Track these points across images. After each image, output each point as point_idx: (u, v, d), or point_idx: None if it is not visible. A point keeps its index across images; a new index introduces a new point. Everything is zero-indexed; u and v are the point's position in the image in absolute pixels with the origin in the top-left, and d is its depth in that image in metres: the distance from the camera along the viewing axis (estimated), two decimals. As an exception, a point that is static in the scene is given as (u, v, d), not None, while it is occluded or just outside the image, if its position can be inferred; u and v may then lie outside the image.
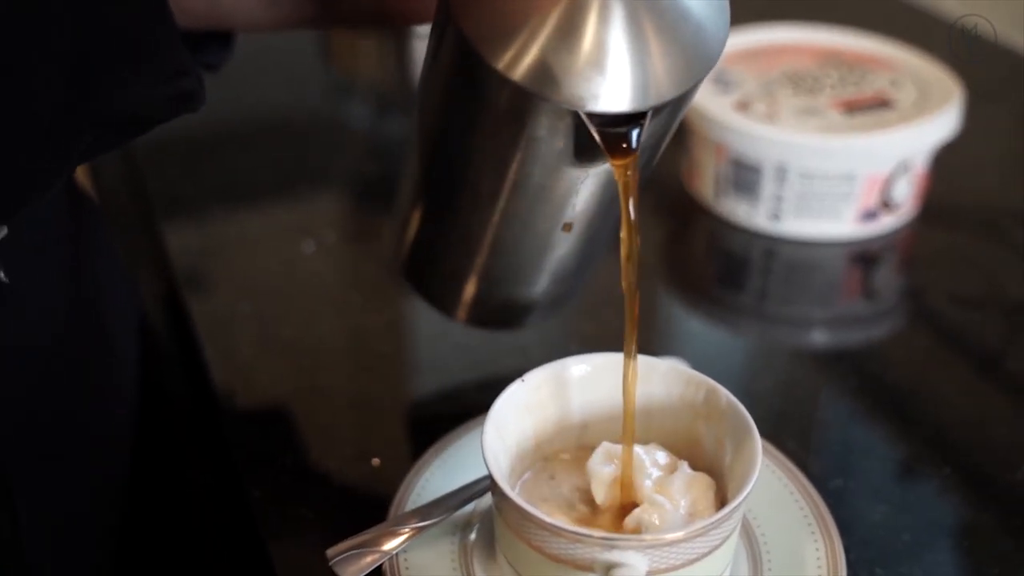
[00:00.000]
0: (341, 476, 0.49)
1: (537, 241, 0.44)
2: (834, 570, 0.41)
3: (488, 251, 0.44)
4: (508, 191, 0.40)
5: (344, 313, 0.62)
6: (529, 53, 0.34)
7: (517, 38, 0.34)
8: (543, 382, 0.42)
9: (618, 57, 0.34)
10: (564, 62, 0.34)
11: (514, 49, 0.34)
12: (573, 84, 0.34)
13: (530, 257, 0.45)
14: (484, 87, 0.36)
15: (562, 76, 0.34)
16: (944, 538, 0.47)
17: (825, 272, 0.66)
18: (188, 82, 0.35)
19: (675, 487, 0.39)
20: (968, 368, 0.57)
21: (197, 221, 0.70)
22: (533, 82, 0.34)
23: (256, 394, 0.54)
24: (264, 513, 0.47)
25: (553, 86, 0.34)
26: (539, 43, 0.34)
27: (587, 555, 0.36)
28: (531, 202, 0.41)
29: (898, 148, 0.63)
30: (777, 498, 0.45)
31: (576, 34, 0.34)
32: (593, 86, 0.34)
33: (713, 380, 0.42)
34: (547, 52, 0.34)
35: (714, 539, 0.37)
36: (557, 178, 0.39)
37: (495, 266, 0.46)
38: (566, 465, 0.43)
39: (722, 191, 0.67)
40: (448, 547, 0.43)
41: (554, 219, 0.42)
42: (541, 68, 0.34)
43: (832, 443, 0.53)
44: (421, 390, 0.57)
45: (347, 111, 0.90)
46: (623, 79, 0.35)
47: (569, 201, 0.41)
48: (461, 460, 0.46)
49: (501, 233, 0.43)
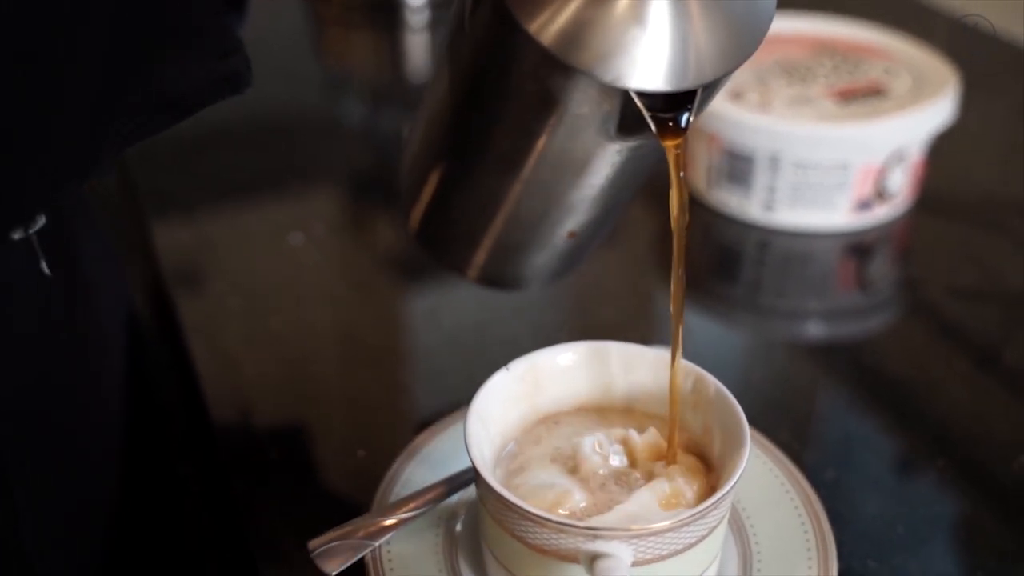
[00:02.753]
0: (326, 468, 0.49)
1: (558, 211, 0.42)
2: (825, 562, 0.41)
3: (507, 217, 0.43)
4: (534, 160, 0.38)
5: (332, 306, 0.61)
6: (568, 17, 0.31)
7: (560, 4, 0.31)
8: (528, 371, 0.42)
9: (667, 29, 0.32)
10: (608, 31, 0.31)
11: (552, 10, 0.31)
12: (618, 58, 0.31)
13: (549, 225, 0.44)
14: (518, 51, 0.33)
15: (606, 47, 0.31)
16: (939, 530, 0.46)
17: (819, 263, 0.66)
18: (236, 62, 0.34)
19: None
20: (965, 360, 0.57)
21: (187, 215, 0.69)
22: (572, 52, 0.31)
23: (243, 386, 0.54)
24: (248, 505, 0.47)
25: (594, 58, 0.31)
26: (580, 6, 0.31)
27: (571, 545, 0.35)
28: (557, 172, 0.39)
29: (893, 137, 0.63)
30: (768, 490, 0.44)
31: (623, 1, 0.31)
32: (640, 61, 0.32)
33: (702, 369, 0.41)
34: (590, 18, 0.31)
35: (701, 529, 0.36)
36: (588, 151, 0.37)
37: (512, 232, 0.44)
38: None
39: (715, 182, 0.67)
40: (432, 539, 0.42)
41: (579, 189, 0.41)
42: (583, 36, 0.31)
43: (826, 435, 0.53)
44: (409, 382, 0.57)
45: (339, 105, 0.90)
46: (672, 54, 0.32)
47: (597, 173, 0.39)
48: (447, 451, 0.45)
49: (522, 200, 0.41)
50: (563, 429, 0.41)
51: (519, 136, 0.38)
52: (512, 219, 0.43)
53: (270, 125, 0.81)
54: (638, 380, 0.43)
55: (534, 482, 0.38)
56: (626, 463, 0.40)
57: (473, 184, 0.43)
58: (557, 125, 0.36)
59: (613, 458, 0.40)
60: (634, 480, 0.39)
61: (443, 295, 0.63)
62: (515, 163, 0.39)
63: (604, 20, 0.31)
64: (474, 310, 0.60)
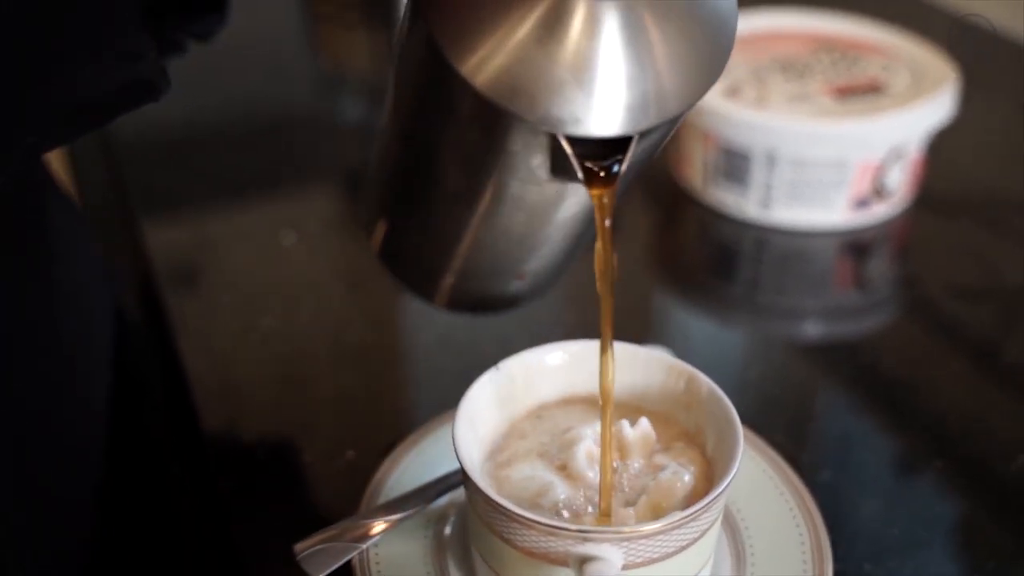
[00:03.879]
0: (315, 469, 0.48)
1: (515, 246, 0.41)
2: (820, 565, 0.40)
3: (465, 251, 0.42)
4: (483, 197, 0.37)
5: (324, 305, 0.61)
6: (499, 58, 0.29)
7: (487, 39, 0.29)
8: (518, 371, 0.41)
9: (605, 70, 0.30)
10: (539, 72, 0.29)
11: (483, 52, 0.29)
12: (548, 101, 0.30)
13: (509, 259, 0.43)
14: (452, 90, 0.31)
15: (535, 90, 0.29)
16: (936, 533, 0.46)
17: (817, 262, 0.65)
18: (143, 68, 0.32)
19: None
20: (963, 359, 0.56)
21: (178, 214, 0.69)
22: (501, 93, 0.30)
23: (232, 386, 0.53)
24: (235, 506, 0.46)
25: (524, 101, 0.30)
26: (512, 47, 0.29)
27: (560, 548, 0.35)
28: (508, 209, 0.37)
29: (891, 134, 0.62)
30: (762, 491, 0.44)
31: (558, 39, 0.29)
32: (571, 104, 0.30)
33: (696, 369, 0.41)
34: (521, 59, 0.29)
35: (693, 531, 0.35)
36: (534, 191, 0.36)
37: (472, 264, 0.43)
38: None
39: (711, 180, 0.66)
40: (421, 541, 0.41)
41: (533, 227, 0.39)
42: (512, 78, 0.29)
43: (822, 435, 0.52)
44: (400, 381, 0.56)
45: (333, 103, 0.89)
46: (609, 97, 0.30)
47: (550, 211, 0.38)
48: (436, 452, 0.45)
49: (478, 235, 0.40)
50: (546, 424, 0.41)
51: (462, 174, 0.37)
52: (470, 252, 0.42)
53: (264, 123, 0.81)
54: (630, 379, 0.42)
55: (517, 476, 0.38)
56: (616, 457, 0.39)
57: (426, 218, 0.41)
58: (494, 163, 0.35)
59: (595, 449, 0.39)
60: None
61: None
62: (465, 200, 0.38)
63: (545, 58, 0.29)
64: None
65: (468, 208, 0.38)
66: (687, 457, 0.39)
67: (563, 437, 0.40)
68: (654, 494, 0.37)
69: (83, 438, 0.51)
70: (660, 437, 0.40)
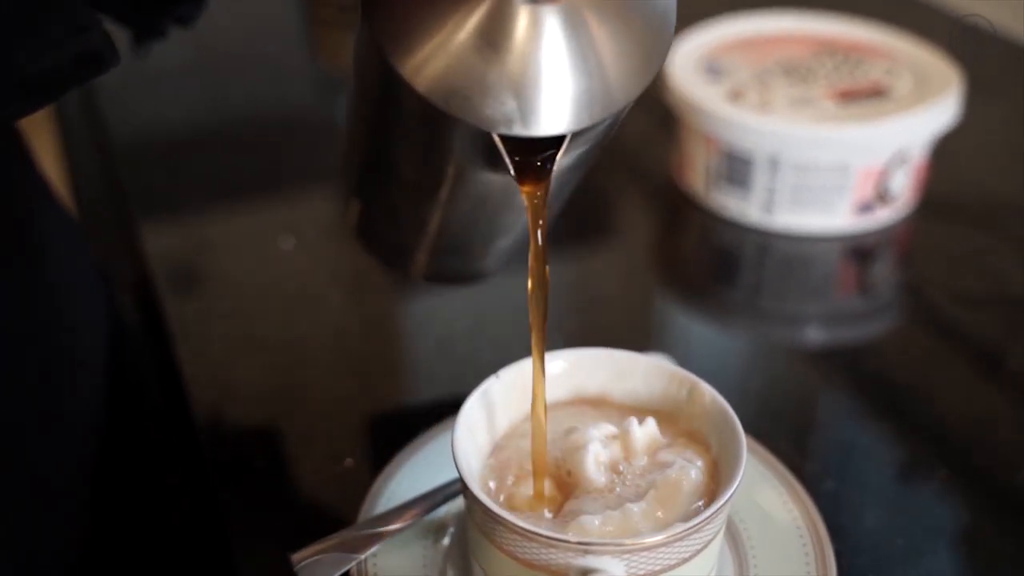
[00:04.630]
0: (314, 477, 0.48)
1: (478, 229, 0.42)
2: (823, 574, 0.40)
3: (431, 233, 0.43)
4: (441, 186, 0.38)
5: (322, 311, 0.60)
6: (438, 60, 0.30)
7: (427, 41, 0.31)
8: (518, 379, 0.40)
9: (545, 71, 0.31)
10: (474, 75, 0.31)
11: (422, 54, 0.31)
12: (481, 103, 0.31)
13: (474, 239, 0.44)
14: (398, 88, 0.32)
15: (471, 92, 0.31)
16: (941, 543, 0.45)
17: (820, 267, 0.65)
18: (92, 40, 0.32)
19: None
20: (968, 366, 0.56)
21: (177, 217, 0.68)
22: (439, 95, 0.31)
23: (230, 393, 0.53)
24: (232, 514, 0.46)
25: (459, 102, 0.31)
26: (450, 49, 0.31)
27: (561, 560, 0.34)
28: (465, 197, 0.39)
29: (894, 138, 0.62)
30: (766, 501, 0.43)
31: (494, 43, 0.31)
32: (504, 106, 0.31)
33: (698, 377, 0.40)
34: (458, 62, 0.31)
35: (695, 543, 0.35)
36: (485, 181, 0.37)
37: (439, 244, 0.44)
38: None
39: (713, 184, 0.66)
40: (420, 552, 0.41)
41: (492, 212, 0.40)
42: (448, 80, 0.31)
43: (826, 444, 0.52)
44: (400, 389, 0.56)
45: (332, 106, 0.89)
46: (546, 97, 0.31)
47: (508, 197, 0.39)
48: (436, 461, 0.44)
49: (441, 220, 0.41)
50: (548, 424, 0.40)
51: (419, 166, 0.38)
52: (438, 235, 0.43)
53: (262, 126, 0.81)
54: (631, 387, 0.42)
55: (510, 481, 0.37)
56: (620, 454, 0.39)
57: (393, 203, 0.43)
58: (445, 157, 0.36)
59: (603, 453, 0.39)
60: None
61: (434, 300, 0.62)
62: (425, 190, 0.39)
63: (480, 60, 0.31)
64: (465, 316, 0.59)
65: (427, 196, 0.39)
66: (692, 451, 0.39)
67: (568, 439, 0.39)
68: (662, 489, 0.37)
69: (77, 443, 0.51)
70: (664, 433, 0.40)
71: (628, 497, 0.37)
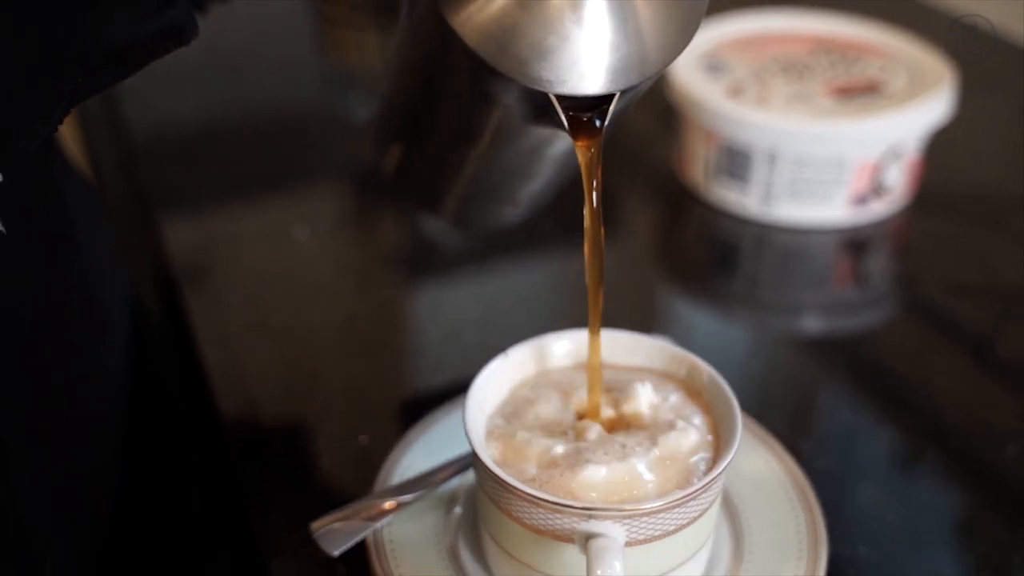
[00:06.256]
0: (330, 454, 0.49)
1: (511, 178, 0.44)
2: (815, 548, 0.42)
3: (466, 180, 0.44)
4: (482, 137, 0.40)
5: (335, 299, 0.62)
6: (489, 14, 0.31)
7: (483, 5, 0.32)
8: (526, 358, 0.43)
9: (589, 34, 0.32)
10: (529, 38, 0.32)
11: (478, 17, 0.32)
12: (537, 64, 0.32)
13: (506, 188, 0.46)
14: (454, 47, 0.33)
15: (527, 54, 0.32)
16: (929, 518, 0.47)
17: (816, 258, 0.66)
18: (176, 14, 0.34)
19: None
20: (958, 354, 0.57)
21: (193, 211, 0.70)
22: (493, 55, 0.32)
23: (248, 377, 0.55)
24: (252, 489, 0.47)
25: (515, 63, 0.32)
26: (504, 12, 0.32)
27: (566, 525, 0.36)
28: (505, 148, 0.40)
29: (888, 133, 0.64)
30: (761, 477, 0.45)
31: (542, 5, 0.32)
32: (557, 67, 0.32)
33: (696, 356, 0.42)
34: (510, 16, 0.31)
35: (692, 510, 0.37)
36: (527, 134, 0.39)
37: (472, 191, 0.46)
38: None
39: (713, 177, 0.68)
40: (432, 521, 0.43)
41: (527, 162, 0.42)
42: (504, 40, 0.32)
43: (821, 425, 0.53)
44: (410, 371, 0.58)
45: (342, 102, 0.91)
46: (593, 59, 0.32)
47: (542, 149, 0.41)
48: (447, 436, 0.46)
49: (478, 168, 0.43)
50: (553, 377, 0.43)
51: (461, 116, 0.39)
52: (472, 182, 0.44)
53: (275, 122, 0.82)
54: (635, 364, 0.43)
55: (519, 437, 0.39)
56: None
57: (431, 152, 0.44)
58: (491, 110, 0.37)
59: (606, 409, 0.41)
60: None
61: (443, 288, 0.64)
62: (464, 136, 0.40)
63: (532, 21, 0.32)
64: (474, 302, 0.61)
65: (469, 144, 0.41)
66: (691, 409, 0.40)
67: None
68: (663, 447, 0.38)
69: (107, 427, 0.52)
70: (662, 389, 0.42)
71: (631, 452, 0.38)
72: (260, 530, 0.45)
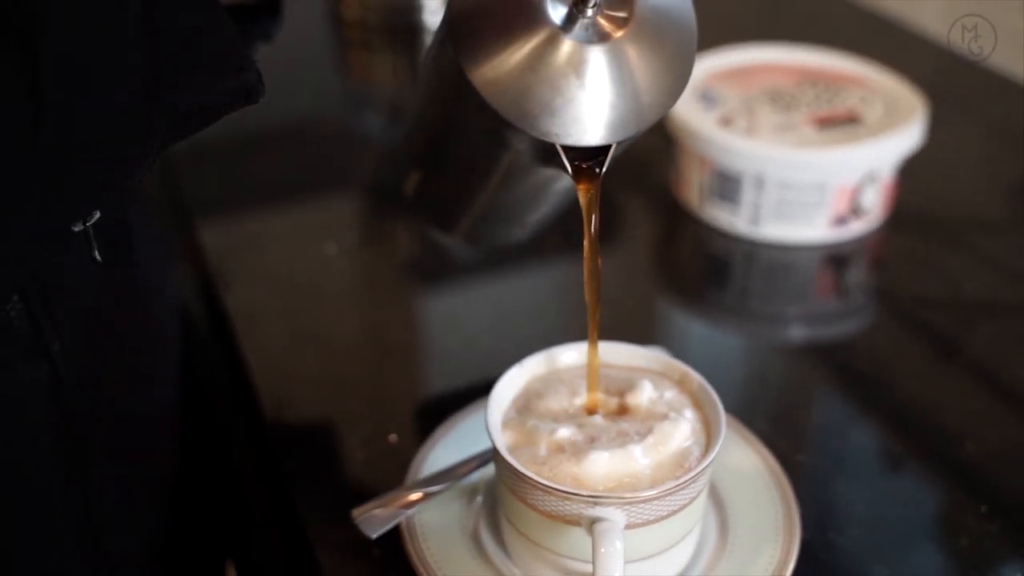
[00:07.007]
0: (363, 451, 0.53)
1: (519, 207, 0.49)
2: (790, 532, 0.47)
3: (479, 207, 0.49)
4: (495, 173, 0.44)
5: (363, 308, 0.66)
6: (504, 73, 0.36)
7: (496, 57, 0.36)
8: (538, 366, 0.48)
9: (589, 94, 0.36)
10: (536, 92, 0.36)
11: (492, 68, 0.36)
12: (547, 119, 0.36)
13: (514, 214, 0.51)
14: (474, 98, 0.37)
15: (533, 107, 0.36)
16: (894, 507, 0.51)
17: (800, 273, 0.70)
18: (248, 77, 0.39)
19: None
20: (927, 359, 0.61)
21: (228, 222, 0.74)
22: (509, 112, 0.36)
23: (290, 381, 0.58)
24: (296, 483, 0.52)
25: (529, 119, 0.36)
26: (517, 69, 0.36)
27: (574, 511, 0.41)
28: (515, 182, 0.45)
29: (865, 160, 0.67)
30: (744, 470, 0.50)
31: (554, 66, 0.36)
32: (563, 121, 0.36)
33: (689, 367, 0.47)
34: (522, 79, 0.36)
35: (683, 498, 0.42)
36: (535, 172, 0.43)
37: (484, 216, 0.51)
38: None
39: (706, 199, 0.72)
40: (457, 509, 0.48)
41: (534, 194, 0.47)
42: (514, 93, 0.36)
43: (799, 424, 0.57)
44: (433, 376, 0.62)
45: (363, 120, 0.94)
46: (593, 115, 0.37)
47: (549, 184, 0.45)
48: (468, 435, 0.51)
49: (490, 198, 0.47)
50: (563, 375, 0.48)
51: (477, 154, 0.44)
52: (482, 209, 0.49)
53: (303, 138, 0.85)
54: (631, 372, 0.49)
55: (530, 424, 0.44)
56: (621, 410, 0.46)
57: (448, 178, 0.49)
58: (504, 153, 0.42)
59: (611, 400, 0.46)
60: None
61: (461, 300, 0.68)
62: (479, 170, 0.45)
63: (541, 83, 0.36)
64: (489, 313, 0.65)
65: (483, 178, 0.46)
66: (684, 403, 0.45)
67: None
68: (658, 435, 0.43)
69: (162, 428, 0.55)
70: (659, 386, 0.47)
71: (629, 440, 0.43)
72: (306, 517, 0.50)
